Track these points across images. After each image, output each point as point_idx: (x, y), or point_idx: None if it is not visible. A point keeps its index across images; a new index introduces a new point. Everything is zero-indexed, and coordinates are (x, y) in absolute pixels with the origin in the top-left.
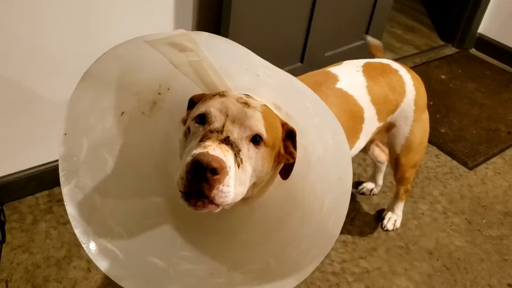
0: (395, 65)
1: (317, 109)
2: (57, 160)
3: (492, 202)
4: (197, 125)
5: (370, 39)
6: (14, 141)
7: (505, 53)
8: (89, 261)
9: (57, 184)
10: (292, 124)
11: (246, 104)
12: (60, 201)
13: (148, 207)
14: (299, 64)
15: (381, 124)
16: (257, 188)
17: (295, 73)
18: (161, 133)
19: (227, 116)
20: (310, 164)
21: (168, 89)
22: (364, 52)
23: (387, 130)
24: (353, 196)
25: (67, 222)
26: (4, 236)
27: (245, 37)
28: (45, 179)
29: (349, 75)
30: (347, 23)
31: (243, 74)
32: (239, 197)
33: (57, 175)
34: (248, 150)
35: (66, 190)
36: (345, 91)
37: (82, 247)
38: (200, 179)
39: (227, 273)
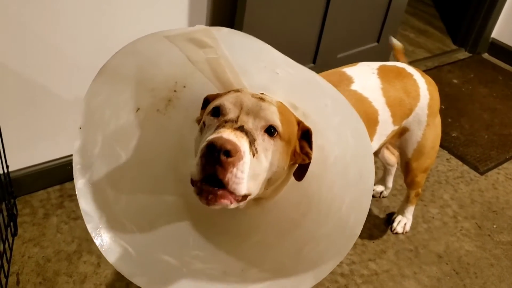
0: (410, 69)
1: (338, 107)
2: (68, 155)
3: (503, 208)
4: (212, 117)
5: (394, 41)
6: (26, 136)
7: None
8: (99, 256)
9: (69, 179)
10: (308, 123)
11: (261, 99)
12: (72, 196)
13: (160, 205)
14: (312, 65)
15: (396, 127)
16: (271, 187)
17: None
18: (175, 132)
19: (241, 108)
20: (327, 165)
21: (184, 86)
22: (376, 54)
23: (400, 135)
24: None
25: (78, 217)
26: (16, 229)
27: (258, 37)
28: (57, 174)
29: (364, 77)
30: (360, 25)
31: (261, 72)
32: (255, 191)
33: (69, 170)
34: (263, 141)
35: (79, 184)
36: (359, 93)
37: (93, 242)
38: (214, 162)
39: (240, 272)
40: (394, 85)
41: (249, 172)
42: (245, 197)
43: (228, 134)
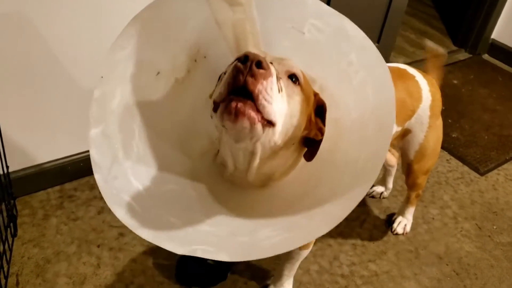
0: (412, 70)
1: (364, 59)
2: (68, 156)
3: (503, 209)
4: (235, 62)
5: (429, 43)
6: (26, 136)
7: None
8: (99, 257)
9: (69, 180)
10: (325, 97)
11: (282, 58)
12: (71, 197)
13: (168, 172)
14: None
15: (399, 129)
16: (278, 160)
17: None
18: (189, 105)
19: (265, 56)
20: (342, 135)
21: (205, 57)
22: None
23: (403, 136)
24: (363, 199)
25: (78, 218)
26: (16, 230)
27: None
28: (57, 174)
29: None
30: (360, 26)
31: (285, 38)
32: (279, 125)
33: (69, 171)
34: (287, 85)
35: (92, 133)
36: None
37: (92, 244)
38: (245, 74)
39: (250, 233)
40: (397, 86)
41: (277, 98)
42: (270, 123)
43: (259, 52)
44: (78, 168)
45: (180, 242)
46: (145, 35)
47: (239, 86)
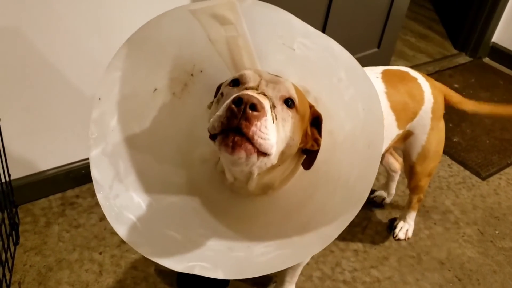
0: (414, 73)
1: (352, 77)
2: (69, 163)
3: (505, 213)
4: (231, 87)
5: None
6: (27, 144)
7: None
8: (101, 264)
9: (70, 187)
10: (319, 108)
11: (277, 76)
12: (73, 204)
13: (168, 185)
14: None
15: (401, 131)
16: (277, 171)
17: None
18: (188, 117)
19: (260, 79)
20: (336, 147)
21: (201, 71)
22: (377, 60)
23: (405, 138)
24: (364, 205)
25: (80, 225)
26: (18, 238)
27: None
28: (58, 181)
29: None
30: (361, 31)
31: (277, 51)
32: (274, 153)
33: (70, 178)
34: (282, 110)
35: (93, 154)
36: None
37: (94, 251)
38: (239, 117)
39: (247, 248)
40: (399, 89)
41: (273, 131)
42: (265, 154)
43: (252, 92)
44: (80, 175)
45: (179, 259)
46: (139, 55)
47: (233, 127)
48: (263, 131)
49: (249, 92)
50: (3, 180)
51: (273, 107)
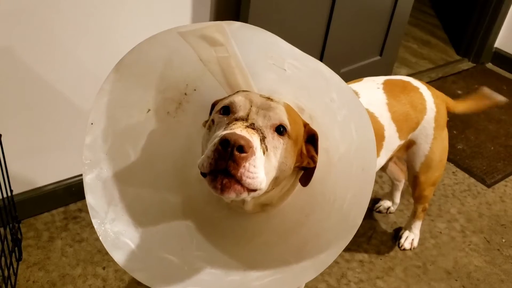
0: (416, 82)
1: (344, 99)
2: (72, 177)
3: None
4: (221, 115)
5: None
6: (29, 159)
7: None
8: (104, 279)
9: (73, 201)
10: (314, 126)
11: (269, 98)
12: (76, 218)
13: (165, 206)
14: None
15: (402, 141)
16: (276, 190)
17: None
18: (183, 135)
19: (251, 106)
20: (331, 166)
21: (195, 90)
22: (379, 68)
23: (407, 148)
24: (369, 214)
25: (83, 240)
26: (20, 254)
27: None
28: (61, 195)
29: (370, 92)
30: (363, 39)
31: (269, 71)
32: (264, 186)
33: (73, 192)
34: (272, 139)
35: (87, 179)
36: (365, 108)
37: (98, 265)
38: (226, 159)
39: (243, 272)
40: (400, 99)
41: (262, 167)
42: (255, 190)
43: (240, 131)
44: (82, 189)
45: (175, 284)
46: (130, 78)
47: (221, 169)
48: (252, 171)
49: (237, 130)
50: (5, 195)
51: (263, 138)
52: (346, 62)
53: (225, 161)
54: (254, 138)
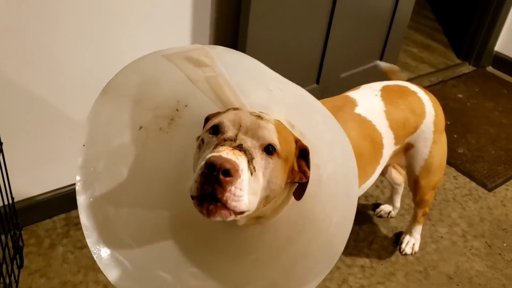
0: (413, 87)
1: (327, 124)
2: (73, 184)
3: None
4: (210, 135)
5: (383, 65)
6: (31, 165)
7: None
8: (105, 286)
9: (74, 207)
10: (305, 142)
11: (259, 117)
12: (77, 224)
13: (160, 222)
14: (315, 85)
15: (398, 147)
16: (269, 204)
17: (311, 94)
18: (177, 150)
19: (240, 126)
20: (322, 183)
21: (186, 106)
22: (379, 72)
23: (405, 151)
24: (370, 219)
25: (84, 246)
26: (22, 261)
27: (261, 59)
28: (62, 202)
29: (368, 99)
30: (363, 44)
31: (257, 90)
32: (253, 207)
33: (74, 199)
34: (261, 159)
35: (81, 199)
36: (363, 116)
37: (99, 272)
38: (213, 182)
39: None
40: (398, 105)
41: (248, 190)
42: (242, 212)
43: (227, 153)
44: None
45: None
46: (120, 99)
47: (207, 193)
48: (238, 194)
49: (223, 153)
50: (6, 203)
51: (251, 159)
52: (346, 67)
53: (211, 185)
54: (240, 160)
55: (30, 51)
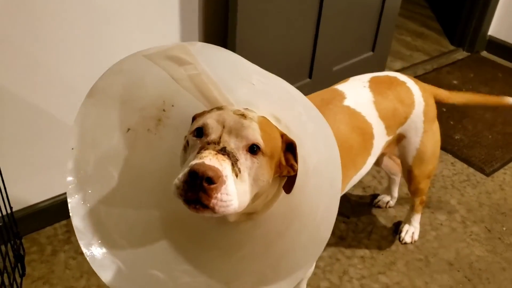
0: (402, 77)
1: (310, 115)
2: None
3: None
4: (194, 138)
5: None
6: (29, 174)
7: None
8: None
9: None
10: (291, 136)
11: (243, 115)
12: None
13: (151, 221)
14: (308, 80)
15: (390, 137)
16: (259, 200)
17: (304, 89)
18: (166, 150)
19: (223, 127)
20: (308, 175)
21: (173, 105)
22: (372, 63)
23: (397, 142)
24: (369, 210)
25: None
26: (24, 270)
27: (251, 56)
28: (62, 208)
29: (356, 91)
30: (354, 35)
31: (240, 85)
32: (243, 206)
33: None
34: (245, 160)
35: (72, 203)
36: (352, 108)
37: None
38: (197, 189)
39: (224, 286)
40: (387, 96)
41: (235, 192)
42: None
43: (209, 160)
44: None
45: None
46: (106, 101)
47: (193, 199)
48: (225, 199)
49: (206, 160)
50: (4, 213)
51: (235, 161)
52: (338, 60)
53: (195, 193)
54: (224, 165)
55: (20, 58)
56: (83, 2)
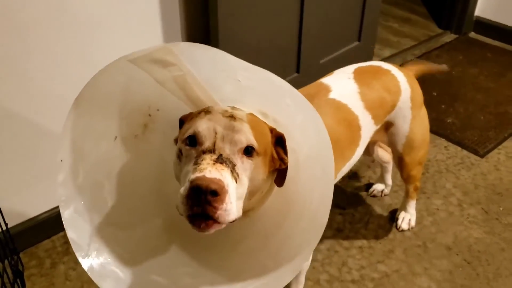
0: (386, 65)
1: (298, 105)
2: None
3: (508, 188)
4: (188, 147)
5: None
6: (22, 190)
7: (505, 32)
8: None
9: None
10: (280, 129)
11: (232, 117)
12: None
13: (147, 228)
14: (296, 74)
15: (378, 126)
16: (255, 197)
17: (293, 84)
18: (155, 155)
19: (216, 133)
20: (299, 166)
21: (158, 110)
22: (359, 53)
23: (386, 129)
24: (364, 200)
25: None
26: (23, 285)
27: (236, 54)
28: (59, 220)
29: (341, 84)
30: (338, 26)
31: (226, 83)
32: (241, 211)
33: None
34: (242, 163)
35: (66, 215)
36: (338, 100)
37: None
38: (201, 203)
39: (226, 281)
40: (372, 86)
41: (235, 198)
42: (234, 220)
43: (210, 172)
44: None
45: None
46: (92, 110)
47: (198, 213)
48: (228, 208)
49: (206, 172)
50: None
51: (233, 167)
52: (325, 52)
53: (200, 206)
54: (225, 175)
55: (9, 72)
56: (68, 15)
